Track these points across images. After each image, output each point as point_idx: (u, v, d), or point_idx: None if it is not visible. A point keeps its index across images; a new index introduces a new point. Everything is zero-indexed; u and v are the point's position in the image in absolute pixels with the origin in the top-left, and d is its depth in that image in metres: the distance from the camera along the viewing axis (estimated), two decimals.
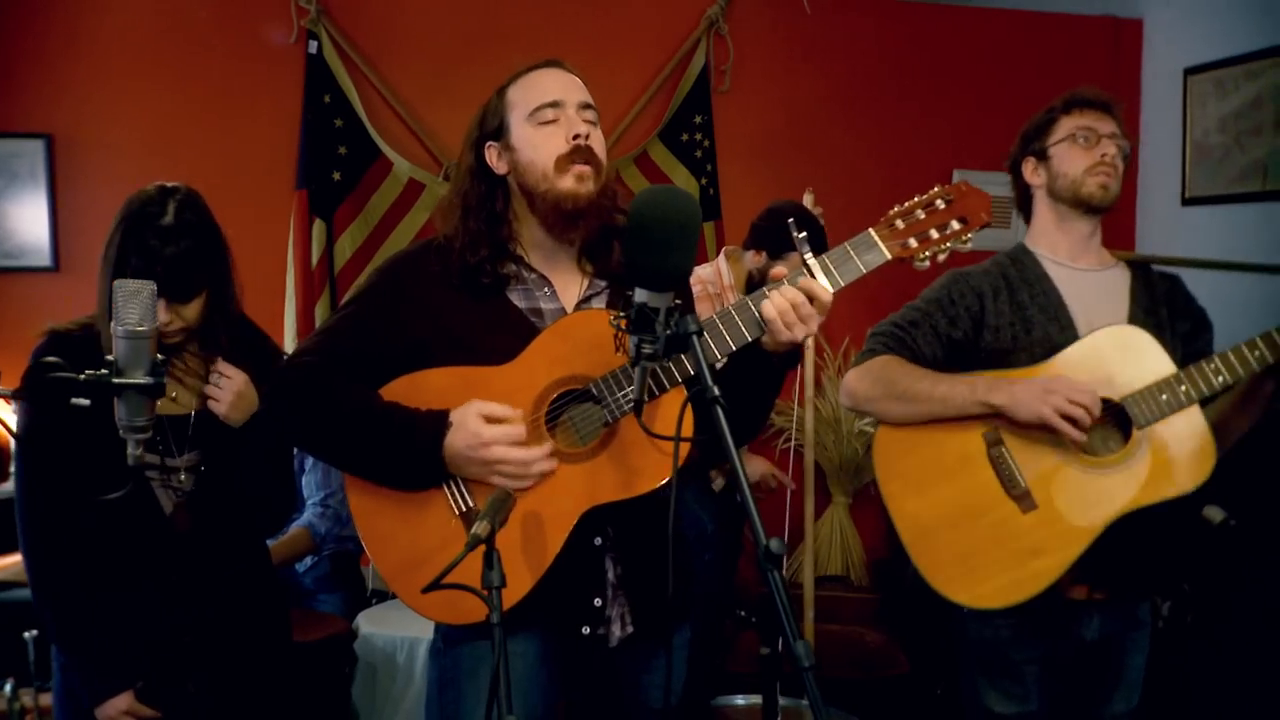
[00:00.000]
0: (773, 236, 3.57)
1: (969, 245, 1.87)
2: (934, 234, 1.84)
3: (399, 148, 4.69)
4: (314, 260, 4.55)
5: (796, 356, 1.91)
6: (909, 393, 2.35)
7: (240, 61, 4.63)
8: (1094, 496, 2.28)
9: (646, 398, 1.74)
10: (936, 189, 1.86)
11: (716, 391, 1.52)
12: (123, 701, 2.15)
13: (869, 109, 5.17)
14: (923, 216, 1.84)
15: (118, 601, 2.17)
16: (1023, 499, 2.30)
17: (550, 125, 1.94)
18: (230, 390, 2.20)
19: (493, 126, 2.00)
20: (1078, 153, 2.44)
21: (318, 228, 4.56)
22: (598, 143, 1.97)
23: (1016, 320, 2.40)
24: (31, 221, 4.51)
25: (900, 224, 1.84)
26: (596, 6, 4.91)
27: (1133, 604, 2.46)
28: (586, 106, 1.98)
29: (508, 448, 1.83)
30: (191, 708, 2.22)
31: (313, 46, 4.59)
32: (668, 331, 1.58)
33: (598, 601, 1.95)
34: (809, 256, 1.80)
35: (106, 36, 4.52)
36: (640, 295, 1.59)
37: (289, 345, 4.26)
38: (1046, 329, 2.38)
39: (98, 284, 2.16)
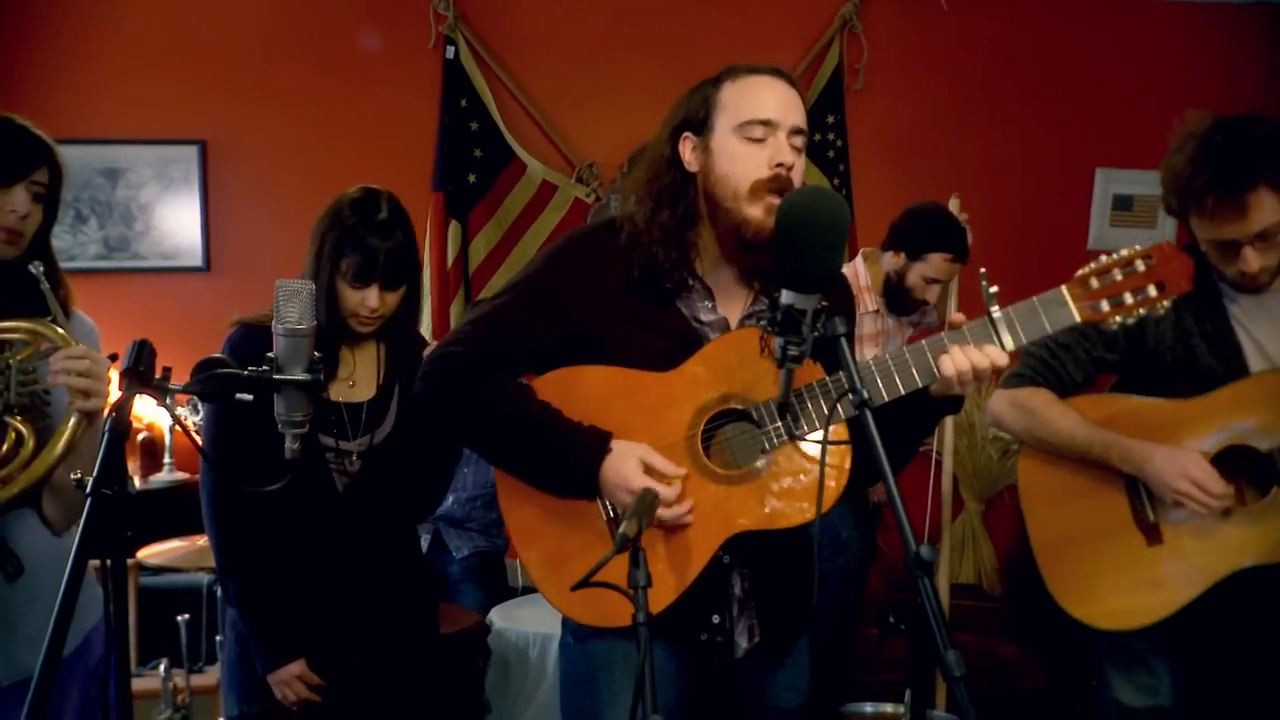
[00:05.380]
0: (912, 238, 3.51)
1: (1163, 312, 1.77)
2: (1129, 299, 1.74)
3: (533, 150, 4.76)
4: (449, 261, 4.67)
5: (958, 405, 1.84)
6: (1049, 437, 2.33)
7: (381, 67, 4.78)
8: (1224, 542, 2.21)
9: (807, 428, 1.74)
10: (1138, 249, 1.75)
11: (866, 395, 1.50)
12: (296, 668, 2.27)
13: (1006, 107, 5.05)
14: (1119, 278, 1.73)
15: (293, 575, 2.30)
16: (1150, 531, 2.27)
17: (757, 144, 1.83)
18: None
19: (696, 118, 1.88)
20: (1216, 261, 2.22)
21: (453, 229, 4.68)
22: (798, 173, 1.86)
23: (1179, 345, 2.28)
24: (185, 224, 4.72)
25: (1095, 283, 1.74)
26: (729, 6, 4.91)
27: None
28: (798, 132, 1.86)
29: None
30: (353, 678, 2.34)
31: (450, 52, 4.71)
32: (815, 333, 1.56)
33: (716, 618, 1.91)
34: (994, 309, 1.73)
35: (255, 47, 4.71)
36: (786, 297, 1.57)
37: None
38: (1209, 360, 2.26)
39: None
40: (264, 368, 1.65)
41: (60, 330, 1.90)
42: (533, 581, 1.95)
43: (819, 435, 1.76)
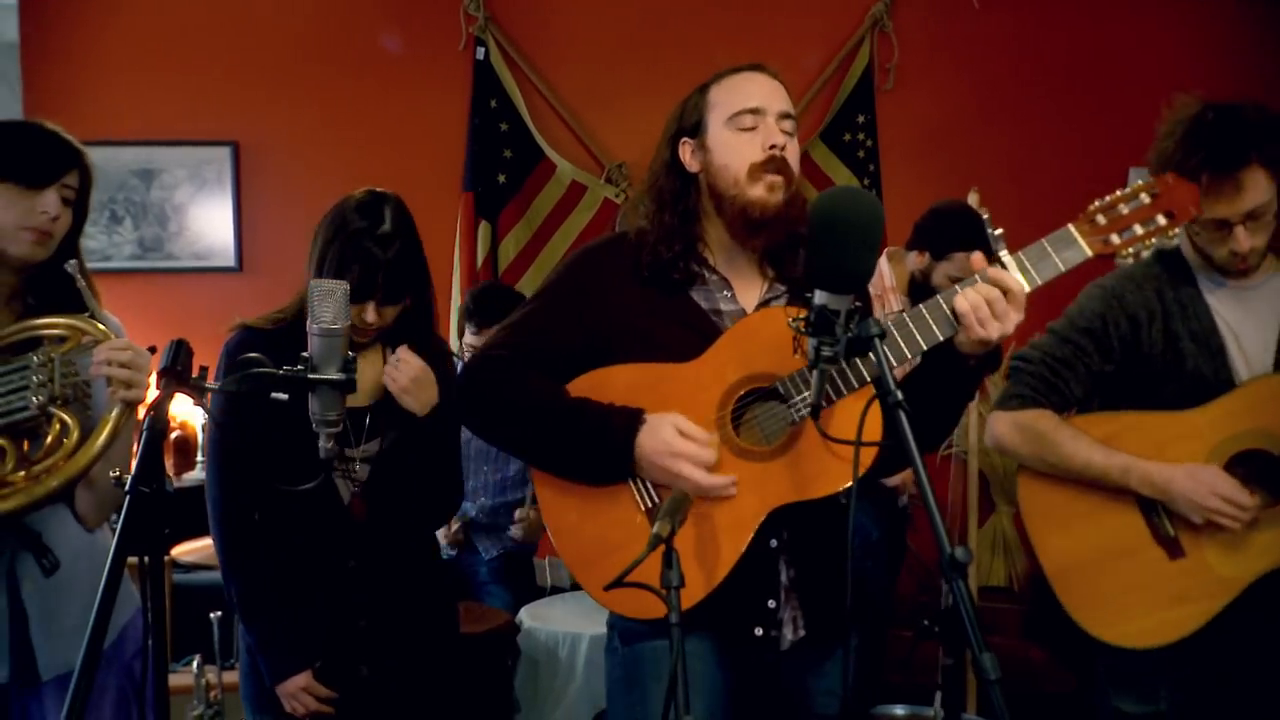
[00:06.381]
0: (936, 237, 3.49)
1: (1175, 241, 1.78)
2: (1138, 229, 1.74)
3: (562, 150, 4.78)
4: (479, 261, 4.69)
5: (996, 360, 1.84)
6: (1061, 463, 2.30)
7: (411, 68, 4.81)
8: (1245, 549, 2.21)
9: (828, 400, 1.73)
10: (1142, 182, 1.76)
11: (900, 396, 1.49)
12: (302, 679, 2.23)
13: (1038, 106, 5.01)
14: (1126, 211, 1.74)
15: (299, 584, 2.26)
16: (1170, 545, 2.25)
17: (749, 132, 1.93)
18: (407, 374, 2.23)
19: (690, 123, 2.00)
20: (1205, 242, 2.24)
21: (483, 229, 4.70)
22: (792, 154, 1.96)
23: (1169, 350, 2.28)
24: (218, 224, 4.76)
25: (1102, 219, 1.74)
26: (759, 6, 4.90)
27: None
28: (786, 116, 1.96)
29: (694, 468, 1.82)
30: (364, 690, 2.30)
31: (480, 53, 4.73)
32: (848, 334, 1.56)
33: (771, 603, 1.93)
34: (1004, 253, 1.74)
35: (287, 48, 4.75)
36: (820, 297, 1.58)
37: (454, 343, 4.38)
38: (1198, 361, 2.26)
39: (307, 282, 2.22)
40: (299, 367, 1.66)
41: (100, 325, 1.95)
42: (574, 576, 1.97)
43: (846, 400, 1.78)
